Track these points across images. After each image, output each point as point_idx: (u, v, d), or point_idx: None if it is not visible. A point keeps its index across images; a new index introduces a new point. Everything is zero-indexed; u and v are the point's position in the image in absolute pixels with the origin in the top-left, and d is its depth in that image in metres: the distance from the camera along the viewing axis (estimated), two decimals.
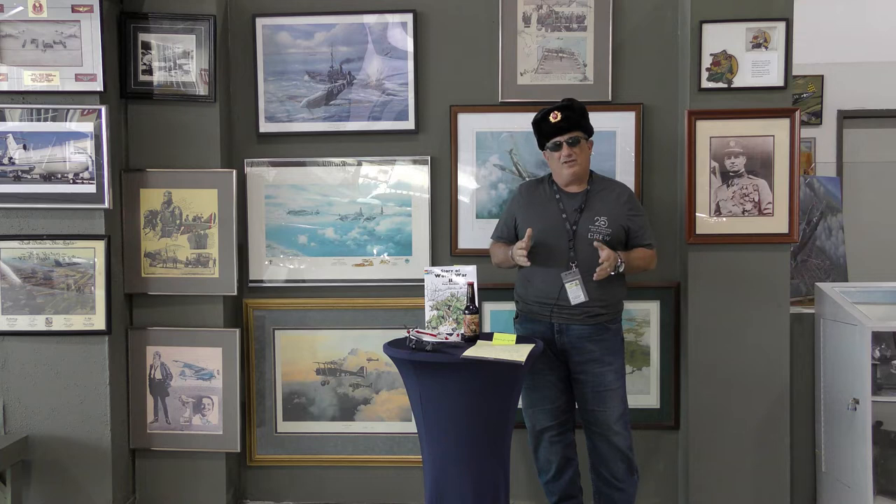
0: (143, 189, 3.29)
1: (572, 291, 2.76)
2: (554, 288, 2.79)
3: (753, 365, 3.18)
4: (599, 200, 2.86)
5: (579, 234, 2.80)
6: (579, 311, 2.78)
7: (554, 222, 2.84)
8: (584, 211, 2.83)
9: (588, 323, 2.80)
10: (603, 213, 2.82)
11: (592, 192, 2.87)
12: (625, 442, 2.86)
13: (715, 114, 3.17)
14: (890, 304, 3.16)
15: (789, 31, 3.16)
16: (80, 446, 3.15)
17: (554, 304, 2.80)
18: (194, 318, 3.33)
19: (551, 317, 2.82)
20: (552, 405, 2.91)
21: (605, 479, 2.89)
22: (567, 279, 2.76)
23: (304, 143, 3.43)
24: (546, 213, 2.87)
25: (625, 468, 2.86)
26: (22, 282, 3.11)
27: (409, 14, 3.36)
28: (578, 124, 2.84)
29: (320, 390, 3.48)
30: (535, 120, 2.91)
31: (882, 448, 3.04)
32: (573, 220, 2.82)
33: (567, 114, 2.82)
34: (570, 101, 2.87)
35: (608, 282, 2.77)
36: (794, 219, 3.15)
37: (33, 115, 3.07)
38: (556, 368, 2.88)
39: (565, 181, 2.86)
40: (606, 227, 2.80)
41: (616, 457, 2.86)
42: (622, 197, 2.88)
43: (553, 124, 2.82)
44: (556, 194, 2.89)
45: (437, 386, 2.61)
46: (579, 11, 3.32)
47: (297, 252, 3.45)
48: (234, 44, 3.43)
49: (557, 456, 2.94)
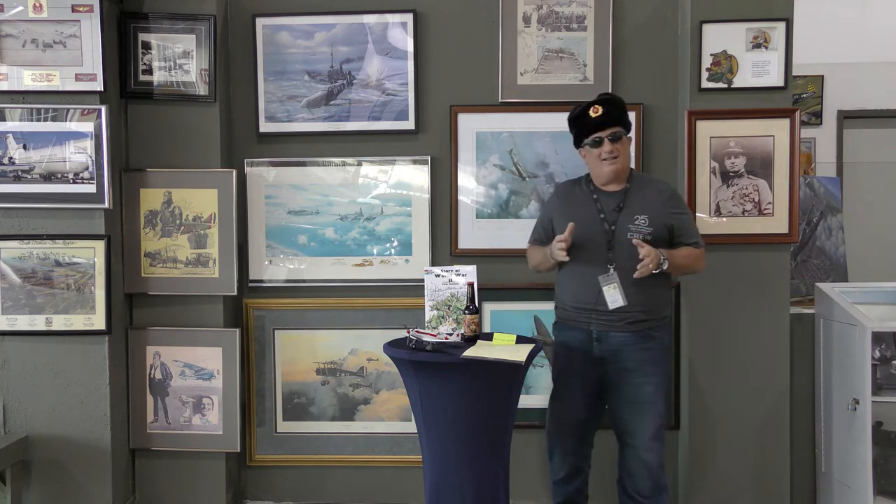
0: (143, 189, 3.29)
1: (610, 295, 2.61)
2: (591, 292, 2.65)
3: (753, 365, 3.19)
4: (639, 198, 2.70)
5: (618, 234, 2.65)
6: (619, 317, 2.63)
7: (591, 223, 2.69)
8: (622, 210, 2.68)
9: (629, 330, 2.65)
10: (643, 212, 2.66)
11: (632, 189, 2.73)
12: (655, 459, 2.68)
13: (715, 114, 3.17)
14: (890, 304, 3.16)
15: (789, 31, 3.16)
16: (80, 446, 3.14)
17: (592, 310, 2.67)
18: (194, 318, 3.33)
19: (589, 323, 2.69)
20: (575, 418, 2.79)
21: (629, 493, 2.75)
22: (604, 282, 2.62)
23: (304, 143, 3.43)
24: (583, 213, 2.72)
25: (650, 485, 2.69)
26: (22, 282, 3.11)
27: (409, 14, 3.36)
28: (619, 119, 2.69)
29: (320, 390, 3.48)
30: (574, 115, 2.75)
31: (882, 448, 3.04)
32: (612, 219, 2.68)
33: (608, 108, 2.68)
34: (610, 95, 2.76)
35: (650, 285, 2.63)
36: (794, 219, 3.16)
37: (33, 115, 3.07)
38: (588, 381, 2.74)
39: (605, 179, 2.72)
40: (647, 225, 2.65)
41: (643, 473, 2.69)
42: (664, 194, 2.74)
43: (593, 119, 2.67)
44: (594, 194, 2.75)
45: (437, 386, 2.61)
46: (579, 11, 3.32)
47: (297, 252, 3.45)
48: (234, 44, 3.43)
49: (569, 465, 2.85)
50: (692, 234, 2.75)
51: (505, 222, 3.38)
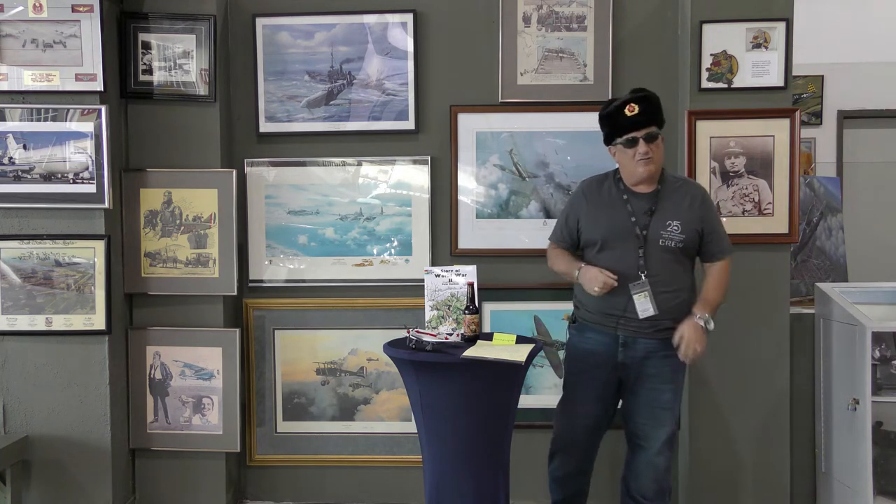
0: (143, 189, 3.29)
1: (640, 304, 2.56)
2: (622, 299, 2.58)
3: (753, 365, 3.18)
4: (672, 202, 2.62)
5: (650, 239, 2.57)
6: (649, 324, 2.58)
7: (622, 226, 2.61)
8: (654, 214, 2.60)
9: (657, 337, 2.60)
10: (676, 217, 2.59)
11: (664, 192, 2.63)
12: (664, 463, 2.67)
13: (715, 114, 3.17)
14: (890, 304, 3.16)
15: (789, 31, 3.16)
16: (80, 446, 3.14)
17: (622, 316, 2.61)
18: (194, 318, 3.33)
19: (616, 328, 2.62)
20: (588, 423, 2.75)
21: (632, 494, 2.73)
22: (635, 290, 2.56)
23: (304, 143, 3.43)
24: (613, 215, 2.63)
25: (655, 489, 2.68)
26: (22, 282, 3.11)
27: (409, 14, 3.35)
28: (655, 118, 2.59)
29: (320, 390, 3.48)
30: (607, 112, 2.63)
31: (882, 448, 3.04)
32: (643, 223, 2.59)
33: (645, 106, 2.56)
34: (644, 92, 2.62)
35: (679, 293, 2.60)
36: (794, 219, 3.15)
37: (33, 115, 3.07)
38: (606, 384, 2.70)
39: (638, 180, 2.61)
40: (679, 232, 2.57)
41: (651, 476, 2.67)
42: (696, 198, 2.64)
43: (629, 118, 2.55)
44: (624, 194, 2.64)
45: (437, 386, 2.61)
46: (579, 11, 3.32)
47: (297, 252, 3.45)
48: (234, 44, 3.43)
49: (572, 466, 2.83)
50: (720, 239, 2.67)
51: (505, 222, 3.38)
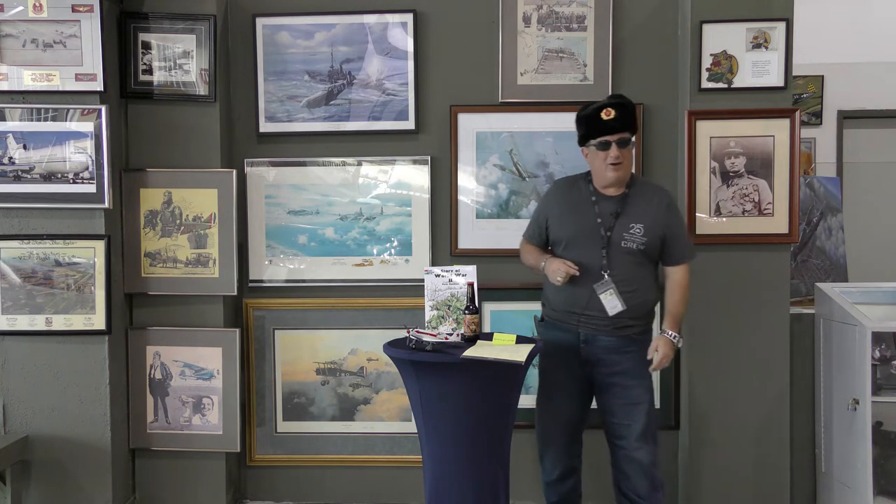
0: (143, 189, 3.29)
1: (608, 302, 2.64)
2: (583, 297, 2.67)
3: (753, 365, 3.18)
4: (637, 206, 2.70)
5: (613, 241, 2.67)
6: (608, 321, 2.67)
7: (588, 227, 2.70)
8: (619, 216, 2.69)
9: (615, 335, 2.68)
10: (640, 220, 2.67)
11: (631, 196, 2.72)
12: (647, 457, 2.69)
13: (715, 114, 3.17)
14: (890, 304, 3.16)
15: (789, 31, 3.16)
16: (80, 446, 3.14)
17: (582, 314, 2.70)
18: (194, 318, 3.33)
19: (578, 326, 2.72)
20: (565, 417, 2.82)
21: (626, 495, 2.75)
22: (601, 289, 2.64)
23: (304, 143, 3.43)
24: (580, 215, 2.73)
25: (647, 484, 2.70)
26: (22, 281, 3.11)
27: (409, 14, 3.36)
28: (629, 124, 2.67)
29: (320, 390, 3.48)
30: (585, 114, 2.71)
31: (882, 448, 3.04)
32: (608, 225, 2.68)
33: (621, 112, 2.64)
34: (622, 98, 2.72)
35: (639, 293, 2.68)
36: (794, 219, 3.15)
37: (33, 115, 3.07)
38: (577, 380, 2.77)
39: (607, 183, 2.70)
40: (641, 235, 2.66)
41: (638, 473, 2.70)
42: (661, 204, 2.73)
43: (605, 122, 2.63)
44: (593, 196, 2.73)
45: (437, 386, 2.61)
46: (579, 11, 3.32)
47: (297, 252, 3.45)
48: (234, 44, 3.43)
49: (562, 464, 2.86)
50: (681, 247, 2.76)
51: (505, 222, 3.38)
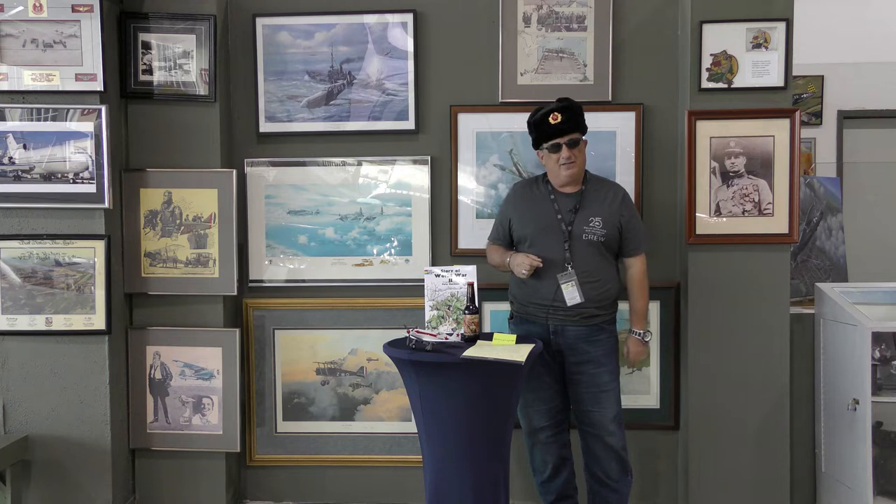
0: (143, 189, 3.29)
1: (568, 293, 2.78)
2: (550, 289, 2.80)
3: (753, 365, 3.18)
4: (594, 201, 2.85)
5: (574, 234, 2.81)
6: (575, 312, 2.79)
7: (549, 223, 2.84)
8: (578, 211, 2.83)
9: (584, 324, 2.81)
10: (598, 214, 2.82)
11: (587, 192, 2.87)
12: (619, 442, 2.86)
13: (715, 114, 3.17)
14: (890, 304, 3.16)
15: (789, 31, 3.16)
16: (80, 446, 3.14)
17: (550, 306, 2.82)
18: (194, 318, 3.33)
19: (547, 318, 2.83)
20: (547, 405, 2.92)
21: (598, 478, 2.90)
22: (563, 280, 2.78)
23: (304, 143, 3.43)
24: (541, 213, 2.86)
25: (619, 468, 2.87)
26: (22, 281, 3.11)
27: (409, 14, 3.36)
28: (578, 125, 2.82)
29: (320, 390, 3.48)
30: (534, 120, 2.86)
31: (882, 448, 3.04)
32: (568, 220, 2.82)
33: (568, 115, 2.79)
34: (567, 101, 2.84)
35: (603, 283, 2.82)
36: (794, 219, 3.15)
37: (33, 115, 3.07)
38: (552, 369, 2.89)
39: (562, 182, 2.85)
40: (601, 227, 2.81)
41: (610, 457, 2.86)
42: (617, 197, 2.87)
43: (553, 125, 2.78)
44: (551, 194, 2.88)
45: (437, 386, 2.61)
46: (579, 11, 3.32)
47: (297, 252, 3.45)
48: (234, 44, 3.43)
49: (553, 456, 2.96)
50: (637, 237, 2.90)
51: None
